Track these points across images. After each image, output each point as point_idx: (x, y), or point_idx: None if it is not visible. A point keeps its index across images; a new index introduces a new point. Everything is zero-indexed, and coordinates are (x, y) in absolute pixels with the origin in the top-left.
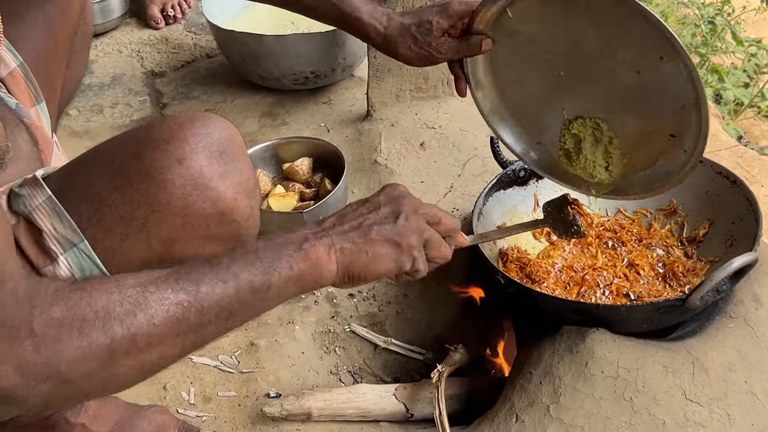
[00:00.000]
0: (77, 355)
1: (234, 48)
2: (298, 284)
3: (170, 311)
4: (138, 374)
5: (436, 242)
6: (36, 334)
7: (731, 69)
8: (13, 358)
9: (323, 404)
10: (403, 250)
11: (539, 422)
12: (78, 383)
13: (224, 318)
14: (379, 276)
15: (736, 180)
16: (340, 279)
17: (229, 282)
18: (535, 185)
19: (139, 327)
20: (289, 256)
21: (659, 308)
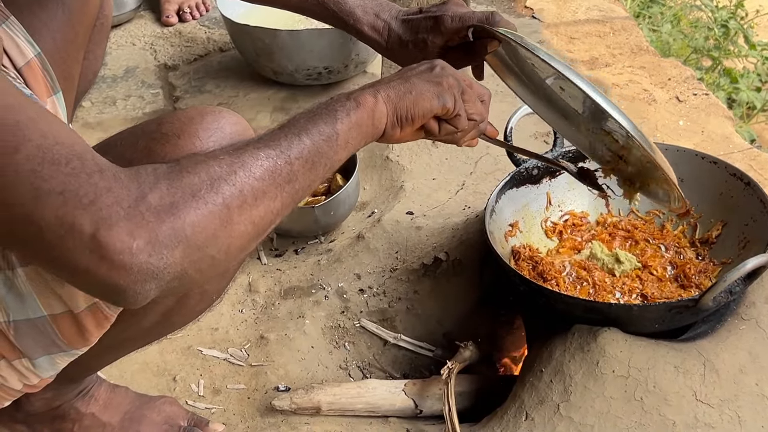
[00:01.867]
0: (198, 217)
1: (248, 42)
2: (360, 130)
3: (264, 165)
4: (252, 232)
5: (472, 95)
6: (154, 207)
7: (744, 72)
8: (141, 232)
9: (332, 398)
10: (444, 88)
11: (549, 420)
12: (205, 248)
13: (308, 168)
14: (426, 112)
15: (750, 182)
16: (391, 121)
17: (302, 136)
18: (548, 183)
19: (244, 182)
20: (342, 106)
21: (672, 308)
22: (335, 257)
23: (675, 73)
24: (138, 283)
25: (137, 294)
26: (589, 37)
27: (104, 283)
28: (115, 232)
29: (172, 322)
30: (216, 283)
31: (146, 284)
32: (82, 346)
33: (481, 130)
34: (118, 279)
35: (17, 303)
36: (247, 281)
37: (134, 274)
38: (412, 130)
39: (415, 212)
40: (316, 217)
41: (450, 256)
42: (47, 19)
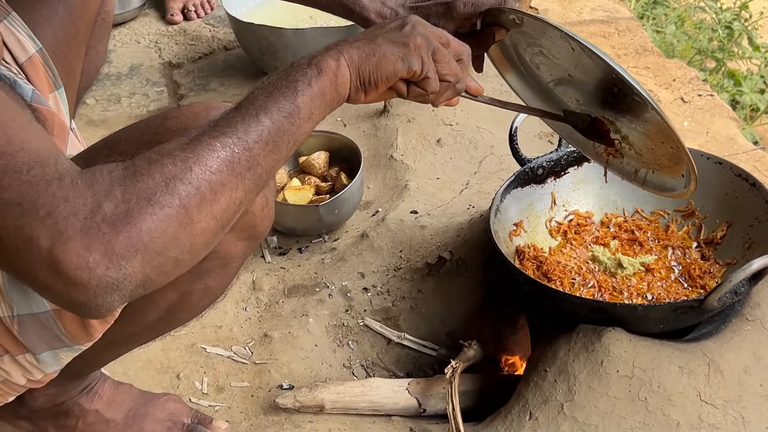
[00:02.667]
0: (155, 223)
1: (252, 41)
2: (323, 99)
3: (221, 156)
4: (216, 226)
5: (445, 55)
6: (109, 217)
7: (748, 74)
8: (96, 245)
9: (336, 397)
10: (410, 50)
11: (553, 420)
12: (165, 252)
13: (270, 150)
14: (390, 75)
15: (755, 182)
16: (354, 86)
17: (261, 116)
18: (553, 183)
19: (200, 178)
20: (303, 75)
21: (676, 308)
22: (339, 256)
23: (680, 73)
24: (98, 296)
25: (99, 307)
26: (594, 38)
27: (63, 299)
28: (70, 246)
29: (176, 318)
30: (219, 279)
31: (107, 297)
32: (85, 342)
33: (457, 90)
34: (77, 295)
35: (21, 297)
36: (251, 279)
37: (92, 288)
38: (376, 94)
39: (419, 211)
40: (320, 216)
41: (454, 256)
42: (48, 14)
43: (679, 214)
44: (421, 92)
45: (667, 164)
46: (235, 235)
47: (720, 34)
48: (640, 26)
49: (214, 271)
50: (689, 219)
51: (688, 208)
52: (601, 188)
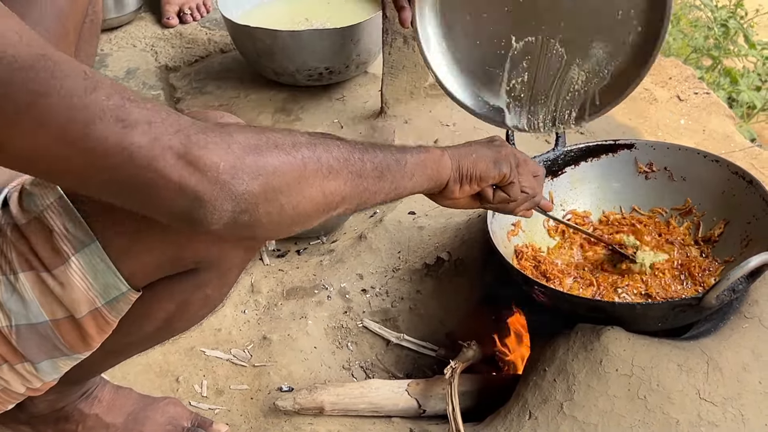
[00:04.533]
0: (278, 162)
1: (248, 43)
2: (425, 170)
3: (341, 149)
4: (321, 202)
5: (526, 169)
6: (240, 143)
7: (744, 72)
8: (227, 157)
9: (336, 398)
10: (501, 156)
11: (552, 419)
12: (279, 192)
13: (376, 176)
14: (484, 174)
15: (752, 180)
16: (454, 177)
17: (375, 149)
18: (551, 183)
19: (321, 154)
20: (410, 147)
21: (675, 307)
22: (337, 257)
23: (676, 72)
24: (219, 199)
25: (215, 211)
26: None
27: (191, 194)
28: (206, 151)
29: (174, 328)
30: (218, 288)
31: (225, 203)
32: (84, 351)
33: (534, 203)
34: (204, 190)
35: (19, 307)
36: (250, 282)
37: (218, 189)
38: (470, 189)
39: (417, 212)
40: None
41: (452, 256)
42: (37, 16)
43: (676, 212)
44: (505, 197)
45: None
46: (233, 244)
47: (716, 32)
48: None
49: (213, 282)
50: (687, 217)
51: (685, 206)
52: (598, 187)
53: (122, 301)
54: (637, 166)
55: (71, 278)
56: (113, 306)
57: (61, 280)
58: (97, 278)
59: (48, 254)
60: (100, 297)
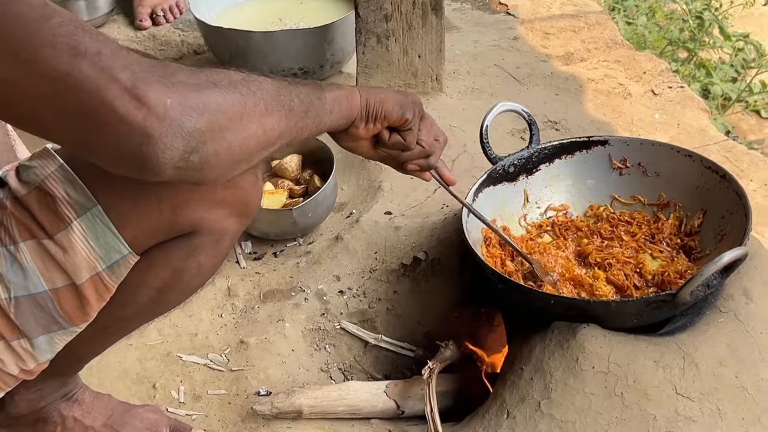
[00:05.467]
0: (220, 99)
1: (222, 44)
2: (340, 105)
3: (271, 85)
4: (262, 138)
5: (428, 126)
6: (181, 82)
7: (719, 64)
8: (173, 95)
9: (314, 402)
10: (407, 102)
11: (530, 418)
12: (225, 130)
13: (304, 111)
14: (388, 113)
15: (725, 174)
16: (363, 110)
17: (299, 86)
18: (525, 181)
19: (256, 90)
20: (327, 86)
21: (650, 303)
22: (314, 259)
23: (650, 66)
24: (168, 136)
25: (165, 148)
26: (564, 33)
27: (139, 131)
28: (152, 88)
29: (167, 300)
30: (212, 257)
31: (175, 140)
32: (81, 322)
33: (429, 163)
34: (153, 126)
35: (19, 278)
36: (226, 285)
37: (167, 125)
38: (373, 128)
39: (393, 212)
40: (293, 220)
41: (429, 256)
42: None
43: (654, 207)
44: (400, 142)
45: None
46: (228, 210)
47: (691, 24)
48: (609, 20)
49: (207, 249)
50: (665, 210)
51: (660, 201)
52: (572, 184)
53: (122, 265)
54: (611, 162)
55: (73, 242)
56: (113, 270)
57: (63, 245)
58: (98, 242)
59: (49, 220)
60: (101, 261)
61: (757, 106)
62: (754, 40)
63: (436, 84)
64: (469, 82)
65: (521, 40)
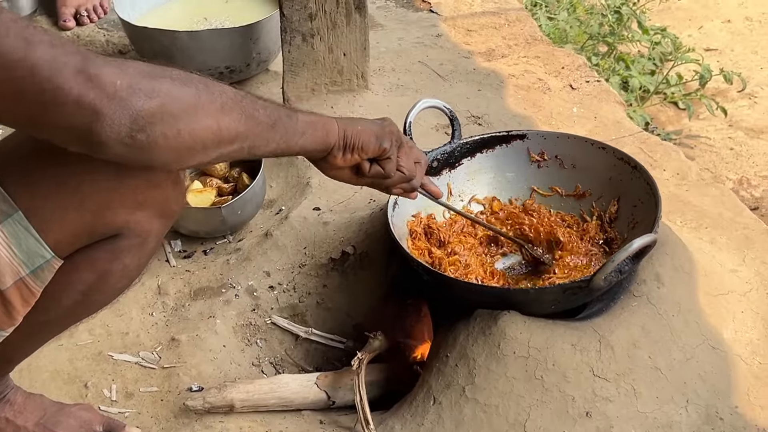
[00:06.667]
0: (173, 89)
1: (146, 45)
2: (314, 130)
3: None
4: (216, 133)
5: (407, 152)
6: (134, 70)
7: (637, 57)
8: (124, 78)
9: (245, 395)
10: (385, 133)
11: (455, 403)
12: (177, 117)
13: (269, 125)
14: (366, 145)
15: (636, 165)
16: (341, 140)
17: (267, 101)
18: (448, 175)
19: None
20: (301, 110)
21: (566, 290)
22: (244, 256)
23: (568, 61)
24: (116, 113)
25: (112, 124)
26: (486, 29)
27: (89, 108)
28: (104, 70)
29: (93, 301)
30: (137, 258)
31: (122, 117)
32: (8, 327)
33: (412, 186)
34: (102, 104)
35: None
36: (156, 284)
37: (116, 103)
38: (351, 159)
39: (321, 208)
40: (223, 217)
41: (357, 250)
42: None
43: (571, 198)
44: (380, 171)
45: None
46: (150, 212)
47: (610, 18)
48: (529, 16)
49: (131, 250)
50: (581, 200)
51: (576, 192)
52: (494, 177)
53: (46, 269)
54: (530, 155)
55: None
56: (37, 275)
57: None
58: (21, 247)
59: None
60: (25, 266)
61: (674, 98)
62: (671, 34)
63: (362, 81)
64: (394, 79)
65: (444, 37)
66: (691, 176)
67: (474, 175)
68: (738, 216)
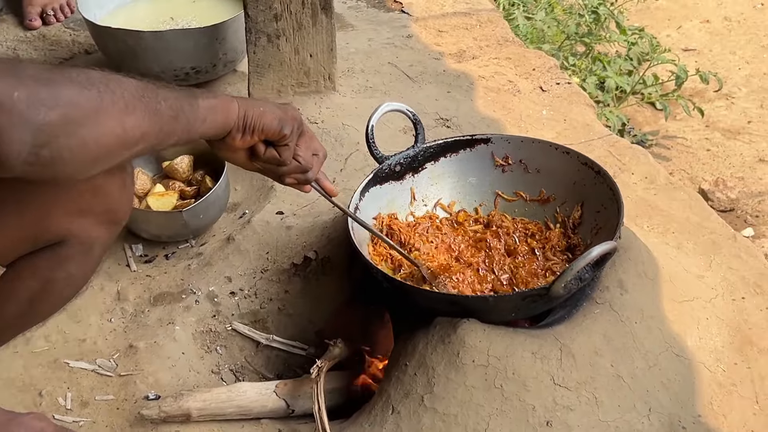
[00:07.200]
0: (74, 93)
1: (111, 45)
2: (215, 115)
3: (134, 86)
4: (122, 136)
5: (307, 142)
6: (32, 76)
7: (614, 57)
8: (21, 88)
9: (202, 404)
10: (287, 117)
11: (414, 412)
12: (79, 125)
13: (172, 117)
14: (266, 126)
15: (600, 170)
16: (240, 120)
17: (168, 89)
18: (412, 179)
19: (116, 87)
20: (201, 92)
21: (525, 297)
22: (206, 261)
23: (539, 63)
24: (16, 126)
25: (12, 142)
26: (457, 30)
27: None
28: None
29: (39, 311)
30: (82, 266)
31: (22, 134)
32: None
33: (306, 177)
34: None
35: None
36: (116, 289)
37: (15, 119)
38: (250, 140)
39: (285, 212)
40: (184, 222)
41: (319, 255)
42: None
43: (536, 203)
44: (275, 156)
45: None
46: (94, 218)
47: (587, 18)
48: (501, 17)
49: (76, 258)
50: (546, 205)
51: (540, 197)
52: (457, 181)
53: None
54: (494, 159)
55: None
56: None
57: None
58: None
59: None
60: None
61: (651, 99)
62: (649, 34)
63: (329, 83)
64: (363, 81)
65: (415, 38)
66: (659, 180)
67: (438, 180)
68: (705, 221)
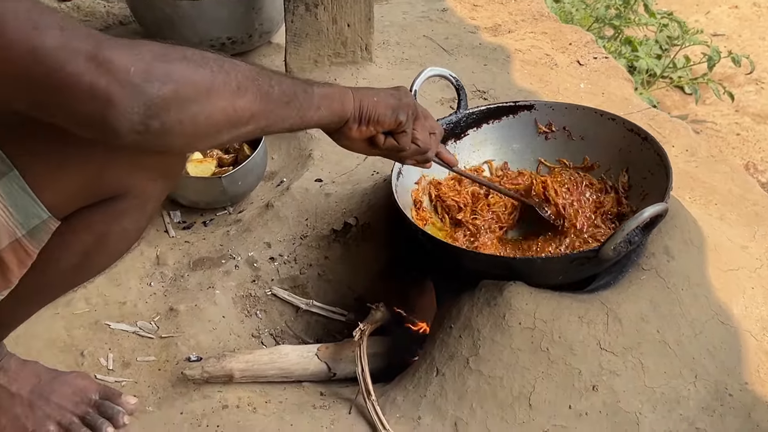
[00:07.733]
0: (188, 72)
1: (148, 14)
2: (330, 103)
3: (249, 69)
4: (232, 115)
5: (422, 123)
6: (148, 51)
7: (644, 40)
8: (138, 63)
9: (245, 365)
10: (401, 105)
11: (459, 375)
12: (191, 101)
13: (284, 102)
14: (383, 116)
15: (647, 136)
16: (356, 111)
17: (283, 77)
18: (454, 146)
19: (229, 69)
20: (317, 82)
21: (573, 260)
22: (244, 227)
23: (575, 38)
24: (130, 101)
25: (125, 113)
26: (492, 5)
27: (102, 96)
28: (116, 54)
29: (93, 264)
30: (136, 221)
31: (136, 105)
32: (2, 289)
33: (426, 158)
34: (115, 92)
35: None
36: (155, 254)
37: (129, 91)
38: (366, 131)
39: (324, 179)
40: (223, 188)
41: (359, 221)
42: None
43: (579, 170)
44: (394, 144)
45: None
46: (152, 174)
47: (616, 1)
48: None
49: (131, 212)
50: (590, 172)
51: (584, 164)
52: (500, 148)
53: (43, 230)
54: (537, 126)
55: None
56: (33, 235)
57: None
58: (17, 207)
59: None
60: (21, 227)
61: (680, 82)
62: (678, 18)
63: (366, 53)
64: (399, 53)
65: (450, 12)
66: (700, 153)
67: (480, 146)
68: (748, 193)
